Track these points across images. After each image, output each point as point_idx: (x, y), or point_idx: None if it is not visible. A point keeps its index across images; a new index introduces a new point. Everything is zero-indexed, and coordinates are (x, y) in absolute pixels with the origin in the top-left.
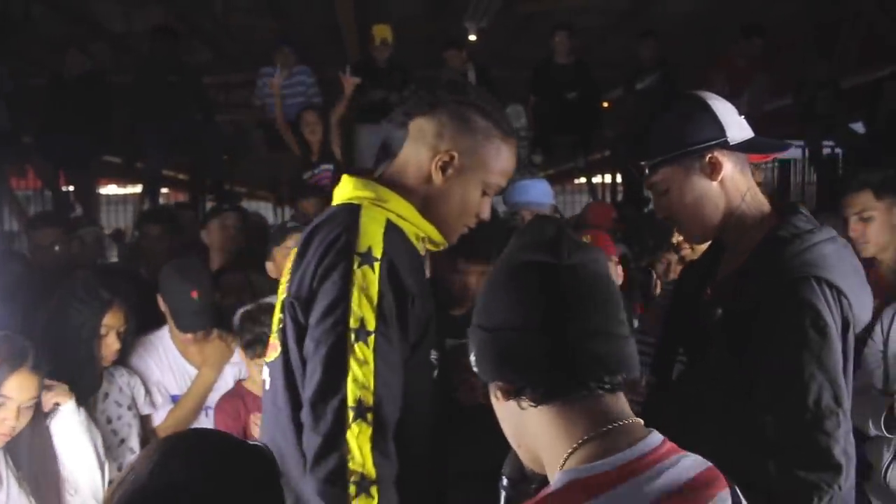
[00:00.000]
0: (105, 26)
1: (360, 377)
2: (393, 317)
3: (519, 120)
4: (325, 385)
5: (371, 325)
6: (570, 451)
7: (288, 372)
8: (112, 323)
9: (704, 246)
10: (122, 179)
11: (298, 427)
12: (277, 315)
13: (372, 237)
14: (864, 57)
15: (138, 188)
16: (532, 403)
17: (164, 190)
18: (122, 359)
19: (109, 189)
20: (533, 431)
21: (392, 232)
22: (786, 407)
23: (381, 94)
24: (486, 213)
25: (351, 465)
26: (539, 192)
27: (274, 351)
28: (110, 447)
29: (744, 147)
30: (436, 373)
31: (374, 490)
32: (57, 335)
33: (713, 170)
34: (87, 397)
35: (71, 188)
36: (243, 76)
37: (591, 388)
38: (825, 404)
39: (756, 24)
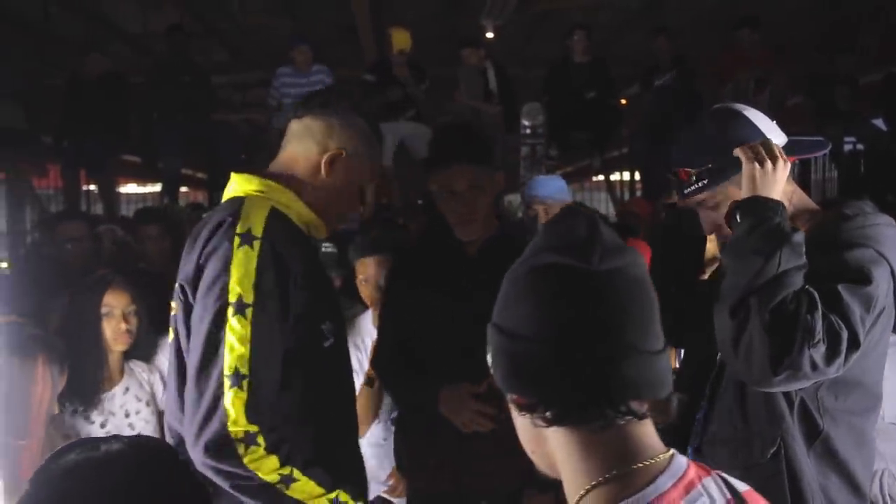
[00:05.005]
0: (122, 27)
1: (236, 347)
2: (273, 291)
3: (537, 117)
4: (205, 358)
5: (249, 298)
6: (587, 487)
7: (179, 356)
8: (114, 302)
9: None
10: (142, 178)
11: (184, 406)
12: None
13: (252, 220)
14: (883, 52)
15: (158, 187)
16: (543, 424)
17: (183, 189)
18: (145, 356)
19: (129, 188)
20: (550, 449)
21: (275, 217)
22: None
23: (399, 93)
24: (367, 204)
25: (232, 428)
26: (554, 188)
27: (171, 336)
28: None
29: (785, 151)
30: (329, 342)
31: (259, 438)
32: (66, 326)
33: None
34: (95, 387)
35: (92, 187)
36: (260, 76)
37: (611, 416)
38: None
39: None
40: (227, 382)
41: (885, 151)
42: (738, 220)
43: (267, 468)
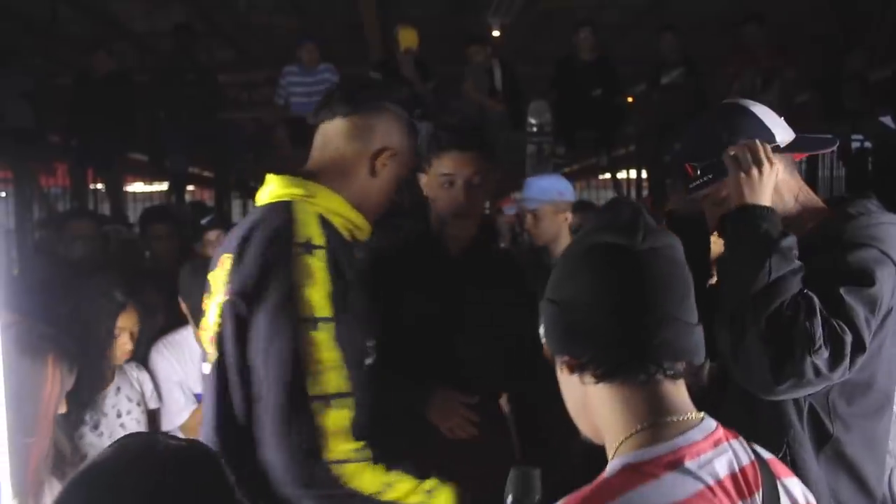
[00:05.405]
0: (128, 26)
1: (322, 366)
2: (343, 303)
3: (543, 115)
4: (287, 382)
5: (325, 311)
6: (627, 435)
7: (221, 376)
8: (126, 325)
9: None
10: (149, 177)
11: (223, 437)
12: (214, 320)
13: (310, 228)
14: (891, 49)
15: (164, 185)
16: (593, 380)
17: (190, 187)
18: (143, 357)
19: (136, 187)
20: (594, 406)
21: (325, 225)
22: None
23: (406, 90)
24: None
25: (329, 454)
26: (536, 189)
27: (211, 356)
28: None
29: (792, 147)
30: (371, 360)
31: (359, 454)
32: (71, 333)
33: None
34: (93, 395)
35: (99, 186)
36: (266, 74)
37: (652, 371)
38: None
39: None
40: (321, 405)
41: (893, 149)
42: (728, 231)
43: (368, 481)
